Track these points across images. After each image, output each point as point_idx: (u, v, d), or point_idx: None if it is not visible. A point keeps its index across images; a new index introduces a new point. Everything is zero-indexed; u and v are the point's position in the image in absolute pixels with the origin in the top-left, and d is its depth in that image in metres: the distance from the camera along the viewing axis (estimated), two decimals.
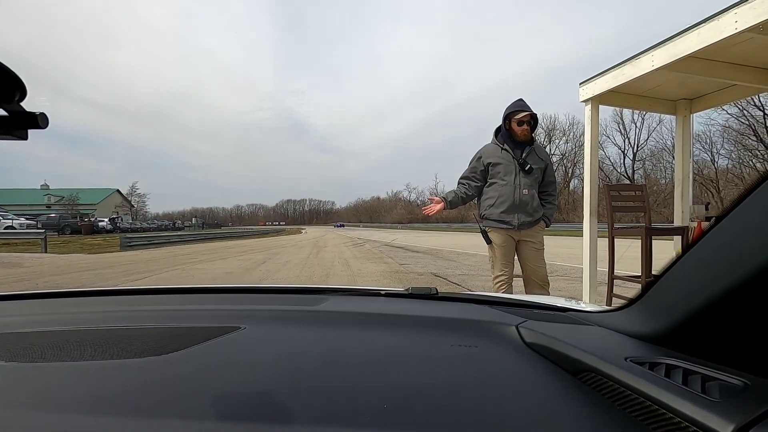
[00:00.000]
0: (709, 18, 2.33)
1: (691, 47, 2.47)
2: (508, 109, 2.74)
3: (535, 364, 0.56)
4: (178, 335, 0.67)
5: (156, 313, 0.84)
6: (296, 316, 0.81)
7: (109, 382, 0.51)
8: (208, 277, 7.46)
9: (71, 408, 0.45)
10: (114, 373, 0.54)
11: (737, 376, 0.37)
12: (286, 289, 1.09)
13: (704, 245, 0.43)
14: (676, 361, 0.44)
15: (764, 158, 27.29)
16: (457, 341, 0.65)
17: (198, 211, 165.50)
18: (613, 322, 0.61)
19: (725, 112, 28.47)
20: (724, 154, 31.44)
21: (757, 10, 2.09)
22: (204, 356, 0.59)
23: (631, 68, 2.94)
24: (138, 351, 0.60)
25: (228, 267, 8.95)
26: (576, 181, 47.14)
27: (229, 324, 0.71)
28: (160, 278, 7.32)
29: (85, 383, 0.51)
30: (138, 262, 10.55)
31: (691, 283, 0.44)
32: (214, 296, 1.04)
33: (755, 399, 0.34)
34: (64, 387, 0.50)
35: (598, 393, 0.46)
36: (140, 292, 1.09)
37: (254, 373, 0.54)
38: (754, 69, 2.98)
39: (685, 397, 0.37)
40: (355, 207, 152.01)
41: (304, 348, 0.64)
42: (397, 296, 0.98)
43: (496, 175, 2.72)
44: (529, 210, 2.66)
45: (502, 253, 2.69)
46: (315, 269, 8.24)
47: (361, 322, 0.77)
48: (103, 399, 0.47)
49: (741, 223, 0.38)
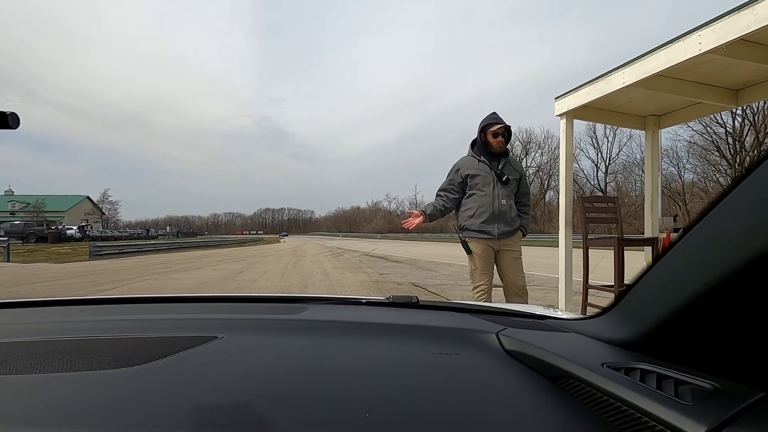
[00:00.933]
0: (675, 39, 2.46)
1: (659, 66, 2.59)
2: (483, 121, 2.81)
3: (515, 371, 0.57)
4: (151, 345, 0.64)
5: (128, 323, 0.81)
6: (275, 326, 0.79)
7: (75, 394, 0.49)
8: (183, 287, 7.26)
9: (34, 422, 0.43)
10: (81, 385, 0.51)
11: (708, 380, 0.39)
12: (265, 298, 1.07)
13: (673, 255, 0.44)
14: (650, 366, 0.45)
15: (727, 173, 28.68)
16: (439, 349, 0.65)
17: (173, 220, 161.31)
18: (590, 329, 0.62)
19: (691, 128, 29.89)
20: (690, 169, 32.94)
21: (719, 33, 2.22)
22: (179, 367, 0.57)
23: (604, 84, 3.05)
24: (108, 362, 0.57)
25: (204, 277, 8.73)
26: (551, 192, 48.28)
27: (206, 333, 0.69)
28: (131, 289, 7.07)
29: (50, 396, 0.48)
30: (108, 271, 10.17)
31: (662, 290, 0.46)
32: (189, 305, 1.01)
33: (725, 402, 0.35)
34: (27, 400, 0.47)
35: (576, 398, 0.47)
36: (111, 301, 1.05)
37: (232, 384, 0.52)
38: (716, 88, 3.15)
39: (660, 401, 0.38)
40: (334, 216, 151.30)
41: (284, 357, 0.62)
42: (378, 305, 0.97)
43: (474, 186, 2.77)
44: (507, 220, 2.71)
45: (482, 263, 2.72)
46: (294, 279, 8.13)
47: (342, 330, 0.76)
48: (68, 413, 0.44)
49: (706, 234, 0.40)
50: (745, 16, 2.08)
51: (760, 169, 0.34)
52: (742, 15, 2.10)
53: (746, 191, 0.35)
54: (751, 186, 0.35)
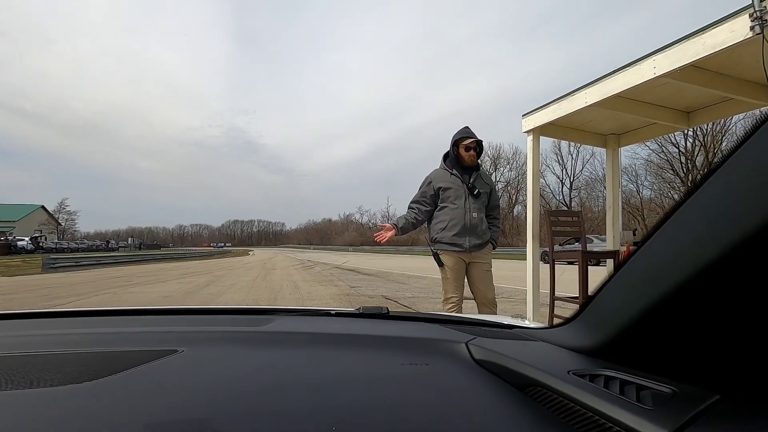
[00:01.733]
0: (632, 62, 2.61)
1: (618, 87, 2.74)
2: (455, 135, 2.86)
3: (484, 380, 0.57)
4: (106, 360, 0.61)
5: (78, 337, 0.76)
6: (239, 338, 0.76)
7: (24, 413, 0.45)
8: (144, 301, 6.93)
9: None
10: (30, 403, 0.47)
11: (667, 384, 0.40)
12: (229, 309, 1.03)
13: (630, 266, 0.46)
14: (613, 372, 0.46)
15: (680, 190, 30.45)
16: (408, 360, 0.64)
17: (135, 231, 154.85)
18: (556, 337, 0.63)
19: (648, 147, 31.65)
20: (648, 186, 34.77)
21: (671, 58, 2.38)
22: (135, 382, 0.53)
23: (568, 103, 3.19)
24: (54, 379, 0.53)
25: (167, 290, 8.38)
26: (519, 207, 49.63)
27: (165, 347, 0.66)
28: (87, 303, 6.68)
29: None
30: (62, 285, 9.60)
31: (622, 299, 0.47)
32: (147, 318, 0.96)
33: (684, 405, 0.36)
34: None
35: (544, 406, 0.47)
36: (61, 314, 0.98)
37: (192, 399, 0.49)
38: (670, 110, 3.35)
39: (623, 406, 0.39)
40: (306, 229, 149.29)
41: (248, 371, 0.60)
42: (348, 316, 0.96)
43: (446, 199, 2.80)
44: (478, 232, 2.76)
45: (453, 275, 2.74)
46: (262, 292, 7.92)
47: (309, 342, 0.74)
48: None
49: (660, 245, 0.42)
50: (695, 43, 2.24)
51: (706, 184, 0.36)
52: (692, 42, 2.26)
53: (695, 204, 0.37)
54: (699, 200, 0.37)
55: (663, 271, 0.40)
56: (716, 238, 0.34)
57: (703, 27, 2.19)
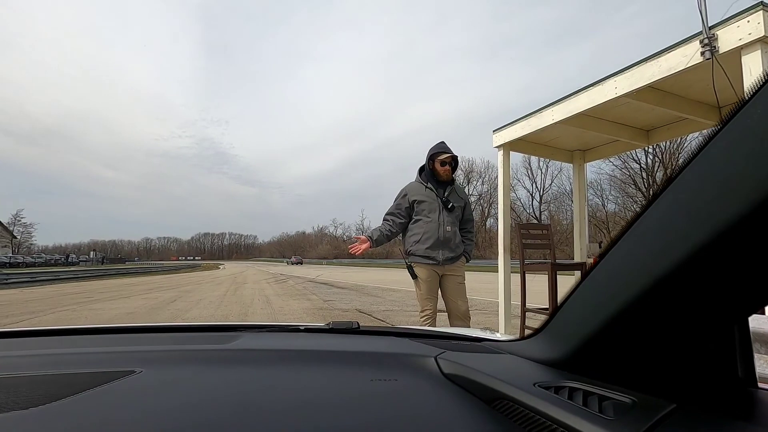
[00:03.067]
0: (596, 82, 2.74)
1: (582, 106, 2.87)
2: (431, 150, 2.90)
3: (452, 395, 0.56)
4: (55, 384, 0.57)
5: (25, 360, 0.71)
6: (203, 357, 0.73)
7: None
8: (104, 318, 6.57)
9: None
10: None
11: (627, 394, 0.41)
12: (193, 327, 0.99)
13: (590, 279, 0.48)
14: (577, 383, 0.46)
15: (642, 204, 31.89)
16: (377, 375, 0.63)
17: (98, 244, 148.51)
18: (523, 349, 0.64)
19: (612, 163, 33.13)
20: (612, 200, 36.32)
21: (630, 80, 2.51)
22: (88, 407, 0.50)
23: (536, 120, 3.31)
24: (5, 405, 0.49)
25: (130, 307, 8.00)
26: (492, 220, 50.71)
27: (121, 368, 0.62)
28: (41, 321, 6.27)
29: None
30: (15, 302, 9.01)
31: (583, 311, 0.49)
32: (103, 337, 0.91)
33: (642, 414, 0.37)
34: None
35: (510, 419, 0.47)
36: (13, 335, 0.91)
37: (149, 424, 0.47)
38: (631, 128, 3.53)
39: (585, 417, 0.39)
40: (279, 242, 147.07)
41: (211, 392, 0.57)
42: (318, 331, 0.94)
43: (421, 212, 2.82)
44: (452, 246, 2.78)
45: (426, 288, 2.75)
46: (232, 307, 7.69)
47: (278, 359, 0.72)
48: None
49: (617, 258, 0.43)
50: (651, 66, 2.38)
51: (661, 197, 0.38)
52: (649, 65, 2.39)
53: (650, 219, 0.39)
54: (653, 214, 0.39)
55: (620, 283, 0.42)
56: (669, 251, 0.35)
57: (659, 51, 2.33)
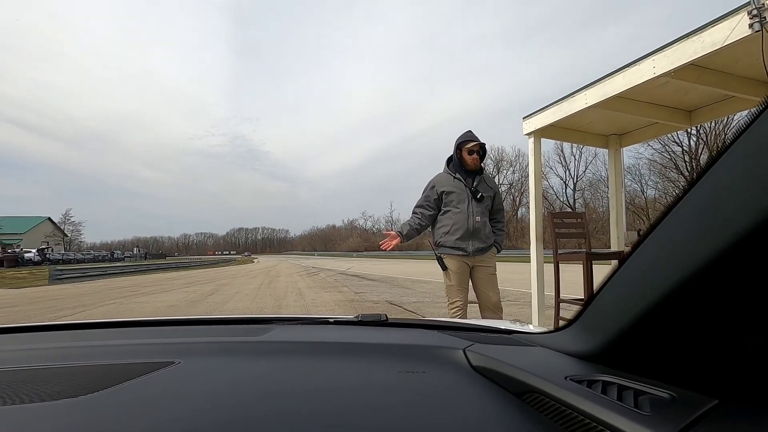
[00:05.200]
0: (632, 63, 2.61)
1: (618, 88, 2.73)
2: (459, 139, 2.86)
3: (481, 388, 0.56)
4: (99, 374, 0.60)
5: (77, 350, 0.76)
6: (237, 348, 0.76)
7: (18, 429, 0.44)
8: (149, 311, 6.93)
9: None
10: (25, 419, 0.47)
11: (665, 389, 0.39)
12: (228, 319, 1.03)
13: (627, 269, 0.46)
14: (611, 377, 0.45)
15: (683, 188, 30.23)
16: (406, 367, 0.63)
17: (141, 241, 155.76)
18: (555, 342, 0.63)
19: (651, 147, 31.54)
20: (652, 185, 34.61)
21: (670, 58, 2.37)
22: (129, 396, 0.53)
23: (568, 105, 3.19)
24: (49, 393, 0.53)
25: (172, 300, 8.39)
26: (523, 209, 49.47)
27: (161, 359, 0.66)
28: (92, 314, 6.69)
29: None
30: (68, 296, 9.63)
31: (618, 303, 0.47)
32: (145, 330, 0.96)
33: (682, 411, 0.35)
34: None
35: (541, 413, 0.46)
36: (59, 327, 0.98)
37: (188, 412, 0.49)
38: (671, 109, 3.34)
39: (620, 412, 0.38)
40: (309, 235, 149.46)
41: (246, 381, 0.59)
42: (347, 324, 0.95)
43: (450, 203, 2.79)
44: (482, 236, 2.74)
45: (457, 280, 2.73)
46: (267, 300, 7.92)
47: (308, 351, 0.74)
48: None
49: (654, 248, 0.41)
50: (694, 42, 2.24)
51: (699, 183, 0.35)
52: (691, 42, 2.25)
53: (689, 204, 0.37)
54: (693, 199, 0.36)
55: (659, 272, 0.40)
56: (710, 238, 0.33)
57: (702, 26, 2.18)
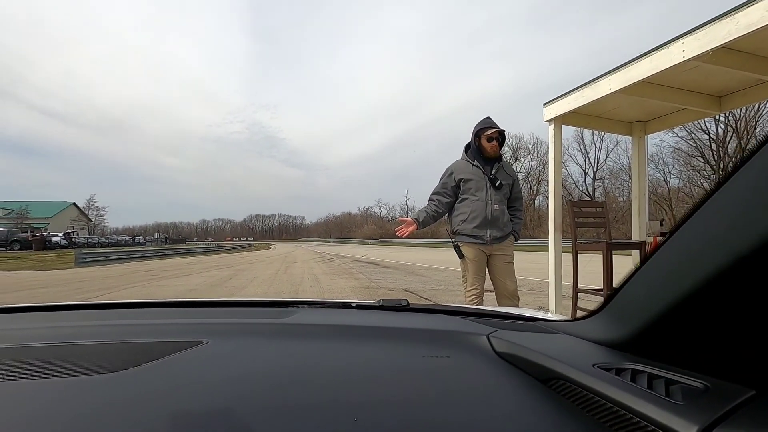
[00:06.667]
0: (660, 46, 2.51)
1: (644, 73, 2.64)
2: (477, 126, 2.82)
3: (506, 373, 0.56)
4: (133, 351, 0.63)
5: (108, 329, 0.79)
6: (263, 330, 0.78)
7: (49, 402, 0.47)
8: (170, 294, 7.13)
9: (15, 430, 0.41)
10: (57, 393, 0.49)
11: (698, 379, 0.39)
12: (253, 302, 1.05)
13: (659, 257, 0.45)
14: (641, 366, 0.45)
15: (710, 178, 29.25)
16: (429, 352, 0.64)
17: (161, 226, 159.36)
18: (581, 330, 0.62)
19: (676, 134, 30.46)
20: (676, 174, 33.50)
21: (701, 41, 2.27)
22: (161, 373, 0.55)
23: (591, 91, 3.10)
24: (87, 368, 0.55)
25: (192, 284, 8.61)
26: (541, 198, 48.76)
27: (191, 338, 0.68)
28: (117, 296, 6.94)
29: (21, 405, 0.46)
30: (94, 279, 9.97)
31: (650, 291, 0.46)
32: (173, 310, 0.99)
33: (716, 400, 0.35)
34: (5, 409, 0.46)
35: (568, 399, 0.46)
36: (91, 306, 1.02)
37: (217, 390, 0.51)
38: (700, 95, 3.21)
39: (651, 400, 0.38)
40: (325, 222, 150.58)
41: (271, 362, 0.61)
42: (368, 308, 0.96)
43: (467, 191, 2.77)
44: (500, 225, 2.72)
45: (474, 268, 2.72)
46: (283, 285, 8.05)
47: (331, 334, 0.75)
48: (40, 422, 0.43)
49: (690, 237, 0.40)
50: (727, 24, 2.13)
51: (740, 172, 0.34)
52: (724, 23, 2.15)
53: (729, 193, 0.36)
54: (733, 188, 0.35)
55: (693, 262, 0.39)
56: (752, 226, 0.32)
57: (736, 6, 2.08)
